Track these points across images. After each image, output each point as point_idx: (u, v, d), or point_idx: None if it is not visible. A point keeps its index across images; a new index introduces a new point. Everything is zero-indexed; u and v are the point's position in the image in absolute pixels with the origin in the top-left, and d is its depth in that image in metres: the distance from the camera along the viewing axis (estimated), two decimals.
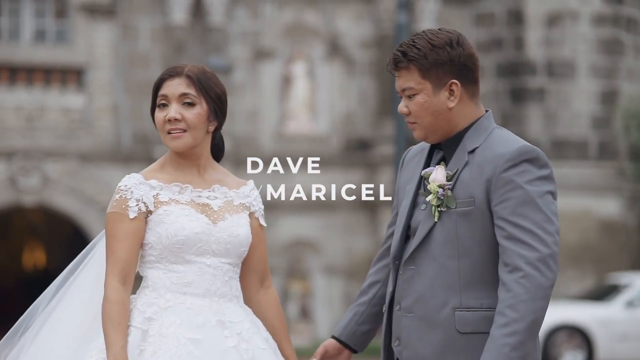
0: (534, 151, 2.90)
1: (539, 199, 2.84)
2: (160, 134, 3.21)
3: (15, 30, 20.50)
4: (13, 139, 20.14)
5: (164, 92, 3.20)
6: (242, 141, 20.79)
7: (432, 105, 2.96)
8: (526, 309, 2.76)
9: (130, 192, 3.15)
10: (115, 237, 3.11)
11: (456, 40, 2.94)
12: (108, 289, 3.07)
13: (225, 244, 3.19)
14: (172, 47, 20.35)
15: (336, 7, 21.14)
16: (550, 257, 2.81)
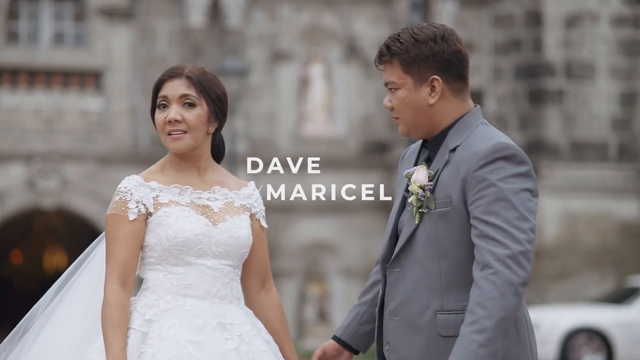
0: (510, 148, 2.83)
1: (513, 196, 2.78)
2: (161, 135, 3.19)
3: (34, 34, 20.58)
4: (32, 141, 20.21)
5: (164, 93, 3.16)
6: (260, 143, 20.79)
7: (412, 101, 2.90)
8: (494, 305, 2.72)
9: (130, 193, 3.13)
10: (114, 239, 3.10)
11: (441, 36, 2.88)
12: (108, 292, 3.06)
13: (225, 246, 3.18)
14: (189, 50, 20.37)
15: (353, 9, 21.12)
16: (522, 254, 2.76)
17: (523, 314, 2.88)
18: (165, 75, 3.17)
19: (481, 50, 21.95)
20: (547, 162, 21.27)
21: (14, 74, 20.46)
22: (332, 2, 21.10)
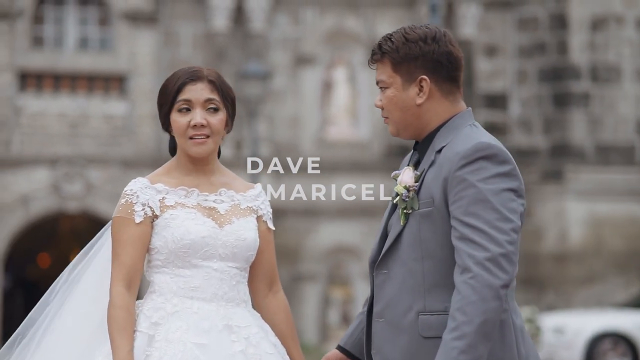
0: (491, 147, 2.79)
1: (494, 196, 2.73)
2: (179, 139, 3.16)
3: (59, 38, 20.69)
4: (57, 145, 20.31)
5: (187, 97, 3.14)
6: (283, 147, 20.79)
7: (400, 100, 2.89)
8: (474, 310, 2.68)
9: (136, 196, 3.13)
10: (120, 242, 3.09)
11: (432, 36, 2.86)
12: (113, 294, 3.05)
13: (232, 248, 3.16)
14: (213, 54, 20.41)
15: (377, 12, 21.09)
16: (503, 256, 2.71)
17: (510, 316, 2.83)
18: (186, 78, 3.14)
19: (505, 54, 21.86)
20: (572, 165, 21.14)
21: (39, 78, 20.57)
22: (355, 6, 21.08)
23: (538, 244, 21.44)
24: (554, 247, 21.29)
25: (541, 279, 21.35)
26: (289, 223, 20.67)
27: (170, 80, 3.16)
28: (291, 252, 20.63)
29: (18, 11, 20.27)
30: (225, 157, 23.16)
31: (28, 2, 20.35)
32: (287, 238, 20.70)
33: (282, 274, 20.74)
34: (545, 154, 21.51)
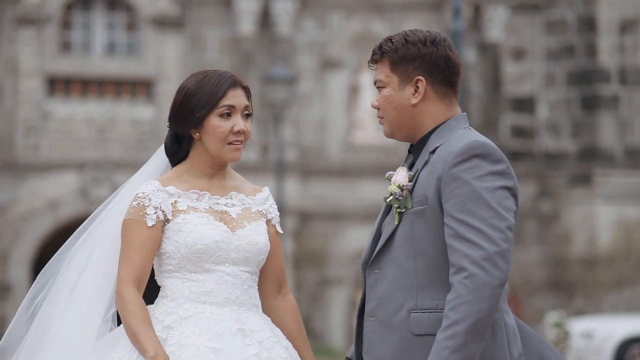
0: (485, 146, 2.80)
1: (488, 194, 2.74)
2: (216, 143, 3.13)
3: (87, 44, 20.80)
4: (84, 150, 20.40)
5: (231, 103, 3.13)
6: (310, 151, 20.77)
7: (395, 99, 2.91)
8: (468, 310, 2.68)
9: (149, 199, 3.10)
10: (131, 244, 3.06)
11: (431, 40, 2.90)
12: (126, 293, 3.03)
13: (244, 252, 3.15)
14: (239, 58, 20.44)
15: (403, 15, 21.04)
16: (498, 254, 2.71)
17: (503, 317, 2.83)
18: (229, 83, 3.13)
19: (533, 57, 21.75)
20: (601, 169, 20.98)
21: (67, 83, 20.69)
22: (382, 9, 21.05)
23: (567, 248, 21.29)
24: (582, 252, 21.14)
25: (570, 283, 21.20)
26: (315, 227, 20.64)
27: (209, 83, 3.13)
28: (318, 256, 20.60)
29: (46, 17, 20.40)
30: (252, 161, 23.25)
31: (56, 8, 20.47)
32: (313, 242, 20.69)
33: (309, 278, 20.71)
34: (574, 158, 21.36)
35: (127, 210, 3.11)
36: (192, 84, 3.15)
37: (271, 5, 20.47)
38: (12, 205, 20.10)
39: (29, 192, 20.08)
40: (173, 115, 3.17)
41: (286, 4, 20.49)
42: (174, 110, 3.17)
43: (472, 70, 21.07)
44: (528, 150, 21.73)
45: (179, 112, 3.16)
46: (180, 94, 3.16)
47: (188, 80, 3.18)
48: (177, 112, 3.16)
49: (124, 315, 3.03)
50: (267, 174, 19.56)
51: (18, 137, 20.39)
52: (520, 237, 21.37)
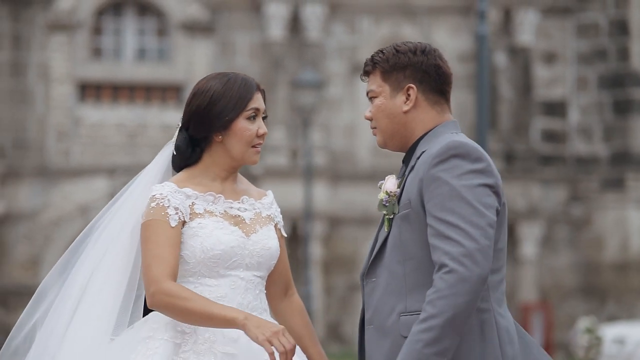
0: (464, 146, 2.83)
1: (468, 192, 2.77)
2: (243, 147, 3.11)
3: (118, 49, 20.92)
4: (115, 155, 20.51)
5: (257, 106, 3.12)
6: (340, 156, 20.75)
7: (387, 108, 2.95)
8: (445, 304, 2.71)
9: (167, 200, 3.07)
10: (159, 242, 3.02)
11: (422, 49, 2.96)
12: (170, 286, 2.96)
13: (258, 257, 3.14)
14: (269, 63, 20.47)
15: (433, 20, 20.98)
16: (479, 251, 2.73)
17: (494, 316, 2.84)
18: (255, 86, 3.14)
19: (565, 61, 21.61)
20: (633, 173, 20.79)
21: (98, 89, 20.81)
22: (411, 13, 21.00)
23: (599, 253, 21.11)
24: (615, 257, 20.95)
25: (602, 289, 21.02)
26: (345, 232, 20.61)
27: (235, 86, 3.13)
28: (347, 260, 20.56)
29: (77, 23, 20.54)
30: (281, 166, 23.22)
31: (87, 14, 20.60)
32: (343, 247, 20.65)
33: (339, 283, 20.67)
34: (606, 162, 21.19)
35: (146, 212, 3.07)
36: (218, 86, 3.12)
37: (301, 10, 20.49)
38: (44, 210, 20.24)
39: (60, 197, 20.21)
40: (197, 119, 3.13)
41: (316, 9, 20.50)
42: (197, 114, 3.13)
43: (503, 74, 20.97)
44: (559, 155, 21.58)
45: (204, 114, 3.12)
46: (204, 96, 3.12)
47: (211, 83, 3.14)
48: (201, 115, 3.12)
49: (181, 306, 2.96)
50: (296, 179, 19.56)
51: (49, 143, 20.53)
52: (551, 242, 21.22)
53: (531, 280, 20.83)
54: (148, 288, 3.01)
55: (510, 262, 20.87)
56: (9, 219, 20.16)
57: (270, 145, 20.25)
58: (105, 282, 3.14)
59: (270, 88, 20.46)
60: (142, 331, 3.08)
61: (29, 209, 20.22)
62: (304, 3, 20.47)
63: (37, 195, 20.29)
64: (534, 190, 20.97)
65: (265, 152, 20.28)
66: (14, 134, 20.44)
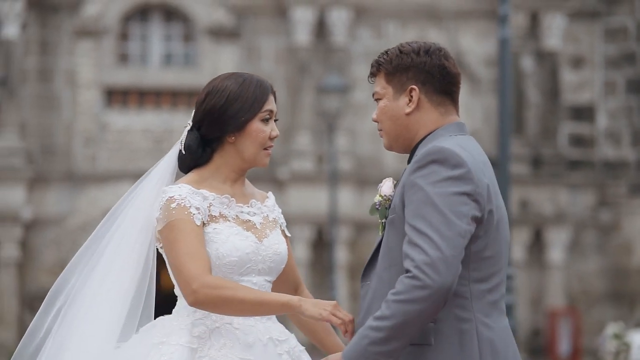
0: (443, 151, 2.78)
1: (440, 199, 2.73)
2: (256, 149, 3.09)
3: (144, 55, 20.99)
4: (141, 160, 20.56)
5: (271, 108, 3.12)
6: (366, 161, 20.70)
7: (390, 110, 2.92)
8: (398, 308, 2.69)
9: (188, 200, 3.03)
10: (189, 241, 2.96)
11: (425, 50, 2.92)
12: (212, 279, 2.91)
13: (269, 262, 3.11)
14: (295, 68, 20.46)
15: (460, 24, 20.89)
16: (442, 261, 2.68)
17: (476, 327, 2.78)
18: (269, 88, 3.12)
19: (592, 65, 21.44)
20: None
21: (124, 94, 20.89)
22: (437, 18, 20.92)
23: (627, 258, 20.92)
24: None
25: (630, 294, 20.82)
26: (370, 237, 20.53)
27: (250, 87, 3.10)
28: None
29: (104, 29, 20.63)
30: (306, 171, 23.13)
31: (114, 20, 20.69)
32: (368, 252, 20.55)
33: None
34: (634, 167, 21.00)
35: (166, 214, 3.01)
36: (234, 86, 3.09)
37: (326, 15, 20.47)
38: (71, 215, 20.33)
39: (87, 203, 20.29)
40: (211, 119, 3.09)
41: (341, 14, 20.47)
42: (212, 113, 3.09)
43: (530, 79, 20.84)
44: (587, 160, 21.41)
45: (219, 114, 3.08)
46: (220, 96, 3.09)
47: (226, 83, 3.10)
48: (216, 115, 3.08)
49: (231, 296, 2.92)
50: (322, 184, 19.53)
51: (76, 148, 20.62)
52: (579, 248, 21.05)
53: (559, 285, 20.67)
54: (188, 286, 2.94)
55: (537, 267, 20.72)
56: (37, 224, 20.27)
57: (296, 150, 20.24)
58: (111, 290, 3.10)
59: (296, 93, 20.45)
60: (153, 337, 3.04)
61: (56, 214, 20.32)
62: (330, 8, 20.44)
63: (64, 200, 20.38)
64: (561, 195, 20.82)
65: (291, 157, 20.26)
66: (41, 140, 20.56)
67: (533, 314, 20.68)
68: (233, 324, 3.03)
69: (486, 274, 2.79)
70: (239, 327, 3.02)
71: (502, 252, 2.83)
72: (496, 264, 2.81)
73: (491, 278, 2.80)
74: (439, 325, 2.77)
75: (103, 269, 3.14)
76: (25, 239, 20.24)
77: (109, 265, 3.13)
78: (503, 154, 10.55)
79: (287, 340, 3.09)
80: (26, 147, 20.24)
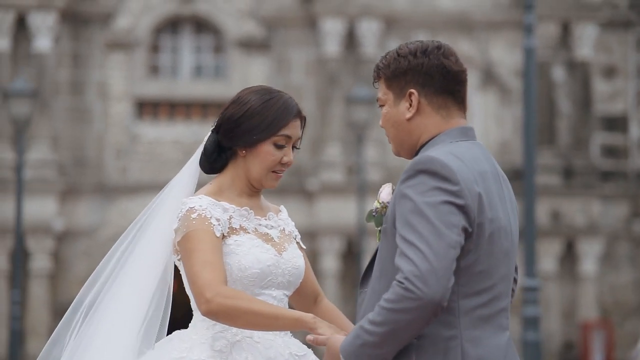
0: (433, 162, 2.69)
1: (430, 209, 2.65)
2: (263, 170, 3.04)
3: (175, 67, 21.08)
4: (172, 172, 20.49)
5: (289, 133, 3.04)
6: (395, 172, 20.61)
7: (392, 116, 2.83)
8: (388, 317, 2.65)
9: (209, 211, 2.99)
10: (206, 251, 2.92)
11: (422, 50, 2.80)
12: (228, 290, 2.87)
13: (288, 276, 3.07)
14: (325, 79, 20.45)
15: (490, 35, 20.80)
16: (432, 273, 2.61)
17: (461, 344, 2.69)
18: (294, 113, 3.04)
19: (625, 74, 21.24)
20: None
21: (155, 106, 20.98)
22: (468, 28, 20.84)
23: None
24: None
25: None
26: None
27: (274, 107, 3.04)
28: None
29: (136, 41, 20.75)
30: (336, 182, 23.00)
31: (145, 32, 20.81)
32: None
33: None
34: None
35: (186, 224, 2.97)
36: (257, 103, 3.03)
37: (356, 26, 20.45)
38: (102, 227, 20.43)
39: (118, 214, 20.38)
40: (226, 127, 3.05)
41: (371, 25, 20.45)
42: (228, 122, 3.05)
43: (561, 89, 20.69)
44: (620, 170, 21.20)
45: (233, 126, 3.05)
46: (240, 108, 3.05)
47: (251, 97, 3.06)
48: (231, 125, 3.05)
49: (245, 307, 2.87)
50: (352, 195, 19.48)
51: (107, 160, 20.74)
52: (612, 259, 20.83)
53: (592, 297, 20.45)
54: (202, 294, 2.90)
55: (569, 280, 20.52)
56: (68, 235, 20.39)
57: (326, 162, 20.21)
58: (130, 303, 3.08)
59: (326, 104, 20.43)
60: (172, 351, 3.00)
61: (87, 225, 20.43)
62: (360, 19, 20.43)
63: (95, 212, 20.49)
64: (594, 206, 20.62)
65: (320, 169, 20.23)
66: (73, 152, 20.69)
67: (566, 326, 20.47)
68: (254, 338, 2.99)
69: (477, 289, 2.71)
70: (259, 340, 2.98)
71: (497, 265, 2.73)
72: (489, 278, 2.72)
73: (483, 293, 2.71)
74: (421, 341, 2.70)
75: (124, 280, 3.11)
76: (57, 250, 20.36)
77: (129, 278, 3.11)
78: (529, 165, 10.45)
79: (306, 356, 3.05)
80: (58, 159, 20.38)
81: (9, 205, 19.22)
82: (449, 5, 20.94)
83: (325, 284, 19.06)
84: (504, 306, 2.77)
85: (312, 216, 20.03)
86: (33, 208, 19.59)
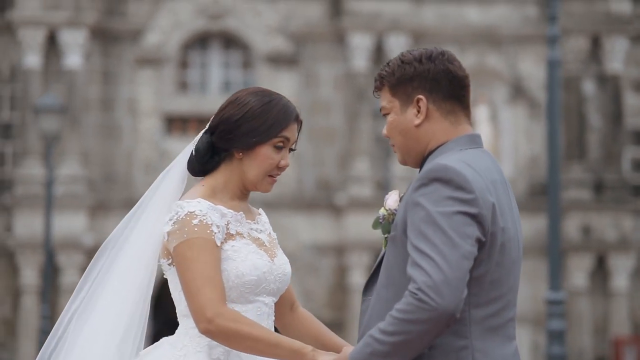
0: (448, 170, 2.67)
1: (444, 219, 2.62)
2: (260, 174, 2.99)
3: (204, 83, 21.17)
4: None
5: (288, 136, 2.99)
6: None
7: (399, 124, 2.81)
8: (401, 327, 2.63)
9: (209, 217, 2.92)
10: (208, 263, 2.86)
11: (427, 56, 2.79)
12: (229, 311, 2.84)
13: (278, 283, 3.02)
14: (353, 94, 20.45)
15: (519, 49, 20.71)
16: (445, 283, 2.59)
17: (472, 354, 2.68)
18: (294, 117, 3.00)
19: None
20: None
21: (184, 122, 21.07)
22: (497, 43, 20.76)
23: None
24: None
25: None
26: None
27: (274, 110, 2.98)
28: None
29: (165, 57, 20.87)
30: (365, 197, 22.92)
31: (174, 49, 20.92)
32: None
33: None
34: None
35: (187, 230, 2.89)
36: (257, 105, 2.98)
37: (384, 41, 20.45)
38: None
39: None
40: (224, 128, 2.98)
41: (400, 39, 20.43)
42: (226, 124, 2.98)
43: (591, 103, 20.54)
44: None
45: (232, 127, 2.98)
46: (239, 109, 2.98)
47: (250, 98, 2.99)
48: (229, 127, 2.98)
49: (247, 332, 2.84)
50: None
51: (137, 176, 20.83)
52: None
53: (623, 313, 20.23)
54: (202, 312, 2.85)
55: (601, 295, 20.31)
56: None
57: (354, 176, 20.18)
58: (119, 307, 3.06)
59: (354, 119, 20.42)
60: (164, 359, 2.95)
61: None
62: (388, 33, 20.42)
63: None
64: (625, 221, 20.42)
65: (348, 183, 20.20)
66: (103, 168, 20.81)
67: (597, 342, 20.26)
68: None
69: (487, 298, 2.70)
70: None
71: (507, 275, 2.73)
72: (499, 287, 2.71)
73: (493, 303, 2.70)
74: (432, 351, 2.69)
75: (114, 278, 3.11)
76: (87, 265, 20.45)
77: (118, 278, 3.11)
78: (553, 178, 10.35)
79: None
80: (88, 175, 20.50)
81: (39, 220, 19.34)
82: (477, 19, 20.88)
83: (353, 299, 18.97)
84: (512, 316, 2.76)
85: (341, 231, 19.99)
86: (63, 223, 19.71)
